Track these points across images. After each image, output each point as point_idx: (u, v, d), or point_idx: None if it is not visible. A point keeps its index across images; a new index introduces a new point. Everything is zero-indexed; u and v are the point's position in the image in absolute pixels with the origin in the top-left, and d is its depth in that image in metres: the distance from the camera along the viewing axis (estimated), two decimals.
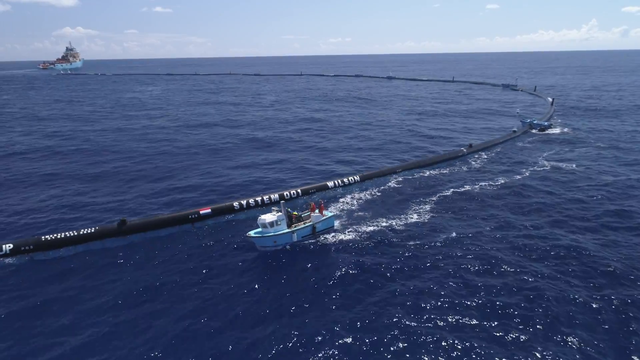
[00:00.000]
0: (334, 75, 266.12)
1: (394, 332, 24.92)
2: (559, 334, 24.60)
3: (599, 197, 46.11)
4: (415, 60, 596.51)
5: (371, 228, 39.15)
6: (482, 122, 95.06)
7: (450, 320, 25.79)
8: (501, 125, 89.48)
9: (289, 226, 36.71)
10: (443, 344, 23.82)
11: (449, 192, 48.65)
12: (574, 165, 58.40)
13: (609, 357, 22.84)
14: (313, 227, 37.70)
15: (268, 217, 35.86)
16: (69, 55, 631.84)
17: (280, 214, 36.25)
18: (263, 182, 54.31)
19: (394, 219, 41.25)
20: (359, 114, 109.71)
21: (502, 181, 52.30)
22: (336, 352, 23.39)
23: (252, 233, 35.99)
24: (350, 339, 24.30)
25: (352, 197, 47.55)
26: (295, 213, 37.84)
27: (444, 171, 57.87)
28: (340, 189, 50.12)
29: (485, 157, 65.29)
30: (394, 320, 25.95)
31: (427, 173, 56.90)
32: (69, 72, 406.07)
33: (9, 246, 34.96)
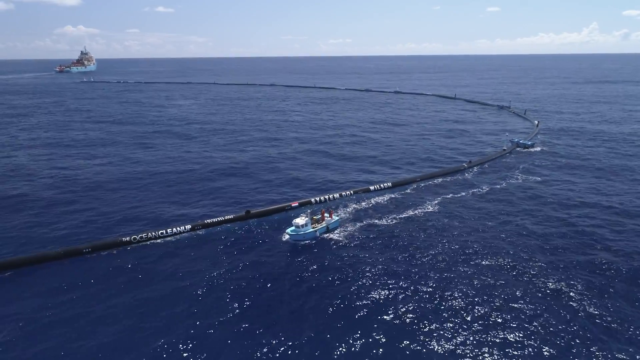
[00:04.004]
0: (346, 89, 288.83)
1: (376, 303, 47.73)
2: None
3: (550, 201, 69.03)
4: (416, 66, 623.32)
5: (375, 223, 62.11)
6: (479, 140, 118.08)
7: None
8: (494, 144, 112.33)
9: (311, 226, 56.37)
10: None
11: (449, 196, 71.52)
12: (538, 178, 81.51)
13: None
14: (327, 227, 57.89)
15: (300, 220, 54.69)
16: (83, 59, 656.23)
17: (307, 218, 55.45)
18: (333, 183, 77.28)
19: (403, 214, 64.29)
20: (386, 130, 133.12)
21: (488, 188, 75.33)
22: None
23: (288, 230, 55.33)
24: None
25: (365, 203, 69.88)
26: (315, 217, 57.59)
27: (448, 179, 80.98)
28: (374, 192, 72.90)
29: (480, 170, 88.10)
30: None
31: (437, 181, 79.89)
32: (92, 79, 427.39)
33: (188, 226, 57.77)
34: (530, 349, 35.41)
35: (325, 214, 58.50)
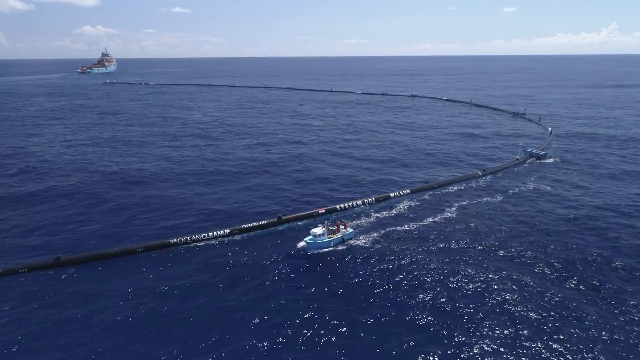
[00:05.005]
0: (362, 93, 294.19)
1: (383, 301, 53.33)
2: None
3: (556, 212, 73.88)
4: (431, 68, 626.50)
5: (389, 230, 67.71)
6: (494, 147, 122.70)
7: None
8: (508, 152, 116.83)
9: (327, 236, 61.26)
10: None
11: (465, 202, 76.86)
12: (549, 187, 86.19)
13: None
14: (342, 237, 62.10)
15: (317, 230, 59.67)
16: (104, 60, 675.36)
17: (324, 228, 60.58)
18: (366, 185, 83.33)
19: (423, 221, 69.84)
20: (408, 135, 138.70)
21: (501, 197, 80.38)
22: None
23: (306, 239, 59.96)
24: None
25: (386, 211, 75.95)
26: (331, 228, 61.77)
27: (461, 187, 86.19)
28: (396, 200, 78.63)
29: (493, 178, 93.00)
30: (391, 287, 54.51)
31: (452, 189, 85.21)
32: (115, 80, 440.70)
33: (227, 230, 64.26)
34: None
35: (341, 226, 63.03)
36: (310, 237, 60.02)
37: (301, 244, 60.42)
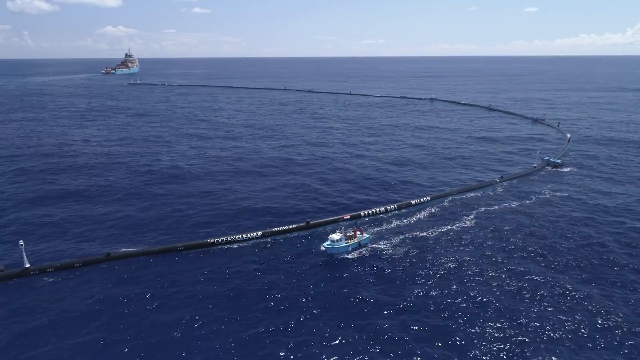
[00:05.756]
0: (381, 96, 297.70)
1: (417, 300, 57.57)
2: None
3: (571, 220, 77.12)
4: (450, 70, 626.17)
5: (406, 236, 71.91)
6: (512, 153, 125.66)
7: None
8: (525, 159, 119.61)
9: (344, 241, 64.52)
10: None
11: (482, 210, 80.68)
12: (565, 194, 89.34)
13: None
14: (359, 243, 65.84)
15: (335, 236, 63.44)
16: (127, 61, 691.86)
17: (342, 234, 64.20)
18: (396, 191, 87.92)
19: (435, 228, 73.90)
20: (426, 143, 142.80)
21: (516, 204, 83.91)
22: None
23: (324, 244, 64.12)
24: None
25: (406, 217, 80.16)
26: (348, 234, 65.87)
27: (479, 194, 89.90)
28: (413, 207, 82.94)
29: (510, 185, 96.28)
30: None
31: (470, 195, 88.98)
32: (139, 81, 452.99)
33: (259, 232, 69.54)
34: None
35: (357, 232, 66.83)
36: (329, 242, 64.15)
37: (322, 248, 65.02)
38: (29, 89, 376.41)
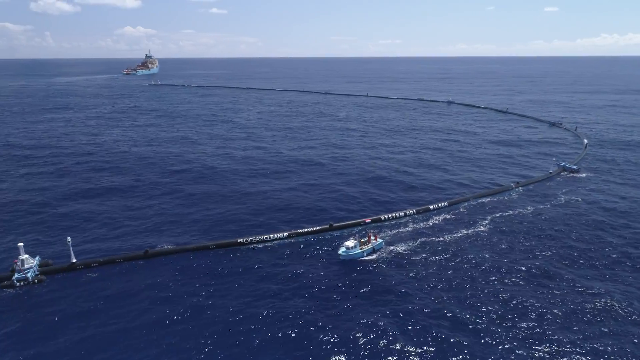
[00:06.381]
0: (398, 98, 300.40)
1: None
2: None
3: (586, 226, 79.68)
4: (467, 72, 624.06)
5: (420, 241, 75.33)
6: (528, 158, 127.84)
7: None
8: (541, 164, 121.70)
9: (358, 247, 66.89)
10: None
11: (497, 215, 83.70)
12: (579, 199, 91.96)
13: None
14: (373, 248, 68.31)
15: (349, 243, 66.19)
16: (148, 62, 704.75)
17: (356, 241, 66.79)
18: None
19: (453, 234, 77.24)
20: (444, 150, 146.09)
21: (531, 209, 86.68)
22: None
23: (340, 251, 66.48)
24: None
25: (423, 222, 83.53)
26: (362, 240, 68.08)
27: (495, 199, 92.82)
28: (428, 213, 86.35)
29: (526, 190, 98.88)
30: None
31: (486, 200, 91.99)
32: (159, 82, 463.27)
33: (285, 234, 73.96)
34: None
35: (371, 237, 69.35)
36: (344, 249, 66.77)
37: (338, 254, 68.00)
38: (56, 89, 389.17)
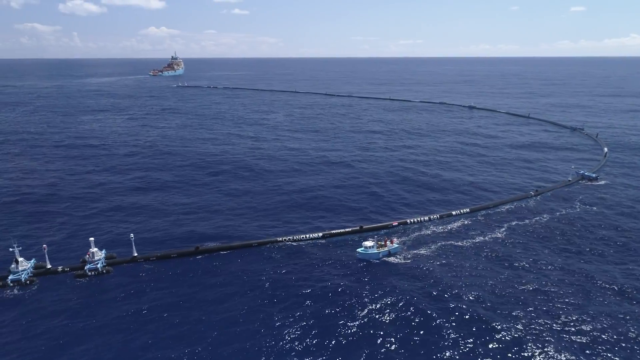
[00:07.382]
0: (420, 102, 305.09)
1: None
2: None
3: (603, 234, 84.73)
4: (490, 74, 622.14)
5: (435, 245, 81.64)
6: (548, 164, 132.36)
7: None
8: (561, 171, 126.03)
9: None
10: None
11: (514, 222, 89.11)
12: (594, 208, 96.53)
13: None
14: (389, 251, 73.68)
15: (368, 243, 71.39)
16: (173, 64, 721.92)
17: (374, 242, 72.06)
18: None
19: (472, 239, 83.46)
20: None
21: (548, 216, 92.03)
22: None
23: (358, 250, 72.16)
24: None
25: (442, 227, 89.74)
26: (380, 242, 73.79)
27: (513, 206, 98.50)
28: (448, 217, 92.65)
29: (543, 198, 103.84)
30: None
31: (506, 207, 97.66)
32: (186, 84, 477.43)
33: (320, 234, 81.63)
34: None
35: (388, 241, 73.79)
36: (362, 248, 71.97)
37: (356, 253, 73.55)
38: (89, 89, 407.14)
